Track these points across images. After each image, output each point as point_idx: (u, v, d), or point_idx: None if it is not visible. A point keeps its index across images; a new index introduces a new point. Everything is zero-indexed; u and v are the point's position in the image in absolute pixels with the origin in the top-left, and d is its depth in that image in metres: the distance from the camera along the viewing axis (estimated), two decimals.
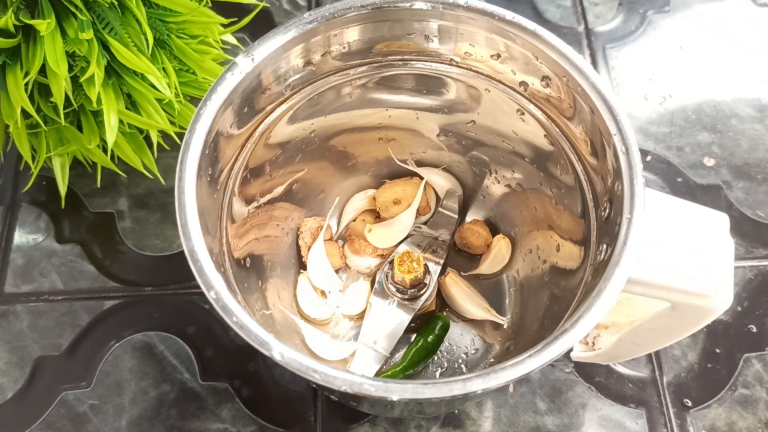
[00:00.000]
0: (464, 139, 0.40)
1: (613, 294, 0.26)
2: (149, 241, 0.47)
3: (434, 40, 0.33)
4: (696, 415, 0.42)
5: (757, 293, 0.46)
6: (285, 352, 0.25)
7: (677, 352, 0.44)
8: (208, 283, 0.26)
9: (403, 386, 0.25)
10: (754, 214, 0.48)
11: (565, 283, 0.34)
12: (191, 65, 0.42)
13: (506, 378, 0.25)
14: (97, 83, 0.37)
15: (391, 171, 0.44)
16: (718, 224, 0.29)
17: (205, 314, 0.44)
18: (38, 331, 0.44)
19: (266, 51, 0.31)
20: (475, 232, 0.43)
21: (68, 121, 0.41)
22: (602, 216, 0.30)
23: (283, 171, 0.38)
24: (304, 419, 0.41)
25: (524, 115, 0.35)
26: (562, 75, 0.30)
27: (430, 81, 0.36)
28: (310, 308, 0.41)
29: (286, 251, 0.42)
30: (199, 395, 0.42)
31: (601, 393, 0.42)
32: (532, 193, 0.39)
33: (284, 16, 0.57)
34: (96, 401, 0.42)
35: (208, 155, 0.30)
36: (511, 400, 0.42)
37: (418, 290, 0.40)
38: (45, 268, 0.46)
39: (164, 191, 0.49)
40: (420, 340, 0.41)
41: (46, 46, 0.36)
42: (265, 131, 0.34)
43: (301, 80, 0.34)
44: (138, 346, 0.44)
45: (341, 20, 0.32)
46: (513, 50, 0.32)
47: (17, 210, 0.48)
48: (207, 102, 0.29)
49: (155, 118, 0.41)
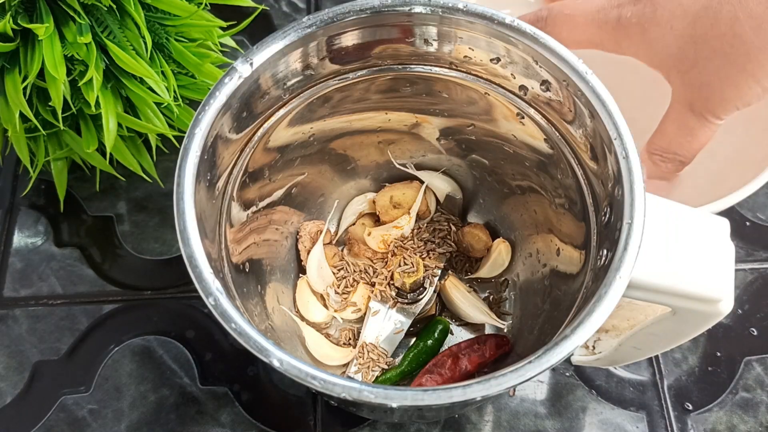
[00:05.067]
0: (464, 142, 0.40)
1: (613, 299, 0.26)
2: (148, 245, 0.47)
3: (433, 44, 0.33)
4: (697, 419, 0.42)
5: (758, 296, 0.46)
6: (284, 358, 0.25)
7: (678, 356, 0.44)
8: (207, 289, 0.26)
9: (403, 393, 0.25)
10: (754, 217, 0.48)
11: (566, 287, 0.34)
12: (190, 69, 0.42)
13: (506, 384, 0.25)
14: (96, 87, 0.37)
15: (391, 174, 0.44)
16: (718, 228, 0.29)
17: (204, 318, 0.44)
18: (37, 335, 0.44)
19: (265, 55, 0.31)
20: (475, 235, 0.43)
21: (67, 125, 0.41)
22: (602, 220, 0.30)
23: (282, 175, 0.38)
24: (303, 424, 0.41)
25: (524, 119, 0.35)
26: (562, 79, 0.30)
27: (429, 85, 0.36)
28: (309, 312, 0.41)
29: (286, 255, 0.42)
30: (198, 400, 0.42)
31: (602, 397, 0.42)
32: (532, 196, 0.39)
33: (283, 18, 0.57)
34: (95, 406, 0.42)
35: (206, 160, 0.30)
36: (512, 404, 0.42)
37: (418, 294, 0.40)
38: (44, 272, 0.46)
39: (163, 195, 0.49)
40: (420, 343, 0.40)
41: (45, 50, 0.35)
42: (264, 135, 0.34)
43: (300, 84, 0.34)
44: (137, 350, 0.43)
45: (340, 24, 0.32)
46: (513, 54, 0.32)
47: (16, 214, 0.48)
48: (206, 107, 0.29)
49: (154, 122, 0.41)
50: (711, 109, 0.32)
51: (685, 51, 0.32)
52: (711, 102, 0.32)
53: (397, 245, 0.42)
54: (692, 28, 0.31)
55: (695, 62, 0.32)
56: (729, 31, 0.30)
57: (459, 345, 0.40)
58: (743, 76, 0.31)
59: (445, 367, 0.39)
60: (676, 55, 0.32)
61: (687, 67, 0.32)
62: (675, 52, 0.32)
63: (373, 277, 0.42)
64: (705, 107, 0.32)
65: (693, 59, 0.32)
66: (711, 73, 0.31)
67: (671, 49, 0.32)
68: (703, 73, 0.31)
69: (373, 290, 0.41)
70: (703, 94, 0.32)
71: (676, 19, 0.32)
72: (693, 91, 0.32)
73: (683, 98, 0.33)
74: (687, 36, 0.31)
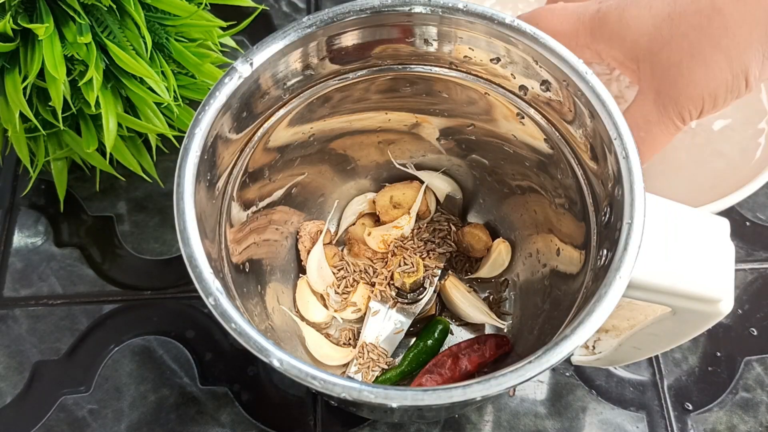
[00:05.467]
0: (464, 142, 0.40)
1: (613, 299, 0.26)
2: (148, 245, 0.47)
3: (433, 44, 0.33)
4: (697, 419, 0.42)
5: (758, 296, 0.46)
6: (284, 358, 0.25)
7: (678, 356, 0.44)
8: (207, 289, 0.26)
9: (403, 393, 0.25)
10: (754, 217, 0.48)
11: (566, 287, 0.34)
12: (190, 69, 0.42)
13: (506, 384, 0.25)
14: (96, 87, 0.37)
15: (391, 174, 0.44)
16: (718, 228, 0.29)
17: (204, 318, 0.44)
18: (37, 335, 0.44)
19: (265, 55, 0.31)
20: (475, 235, 0.43)
21: (67, 125, 0.41)
22: (602, 220, 0.30)
23: (282, 175, 0.38)
24: (303, 424, 0.41)
25: (524, 118, 0.35)
26: (562, 79, 0.30)
27: (429, 85, 0.36)
28: (309, 312, 0.41)
29: (286, 255, 0.42)
30: (198, 400, 0.42)
31: (602, 397, 0.42)
32: (532, 196, 0.39)
33: (283, 18, 0.57)
34: (95, 406, 0.42)
35: (206, 160, 0.30)
36: (512, 404, 0.42)
37: (418, 294, 0.40)
38: (44, 272, 0.46)
39: (163, 195, 0.49)
40: (420, 343, 0.40)
41: (45, 50, 0.35)
42: (264, 135, 0.34)
43: (300, 84, 0.34)
44: (137, 350, 0.43)
45: (340, 24, 0.32)
46: (513, 54, 0.32)
47: (16, 214, 0.48)
48: (205, 107, 0.29)
49: (154, 122, 0.41)
50: (675, 98, 0.32)
51: (660, 29, 0.32)
52: (677, 87, 0.32)
53: (397, 245, 0.42)
54: (671, 6, 0.31)
55: (669, 39, 0.31)
56: (709, 4, 0.30)
57: (459, 345, 0.40)
58: (716, 52, 0.30)
59: (445, 367, 0.39)
60: (650, 34, 0.32)
61: (659, 47, 0.32)
62: (650, 31, 0.32)
63: (373, 277, 0.42)
64: (669, 96, 0.32)
65: (667, 36, 0.31)
66: (683, 50, 0.31)
67: (646, 28, 0.32)
68: (674, 52, 0.31)
69: (373, 290, 0.41)
70: (671, 77, 0.32)
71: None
72: (662, 74, 0.32)
73: (650, 87, 0.33)
74: (665, 14, 0.31)
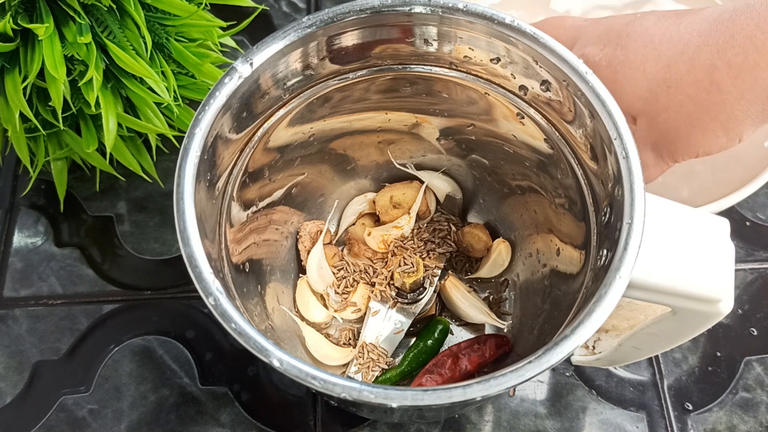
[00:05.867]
0: (464, 142, 0.40)
1: (613, 299, 0.26)
2: (148, 245, 0.47)
3: (433, 44, 0.33)
4: (697, 419, 0.42)
5: (758, 296, 0.46)
6: (284, 358, 0.25)
7: (678, 356, 0.44)
8: (207, 289, 0.26)
9: (403, 393, 0.25)
10: (754, 217, 0.48)
11: (566, 287, 0.34)
12: (190, 69, 0.42)
13: (506, 384, 0.25)
14: (96, 87, 0.37)
15: (391, 174, 0.44)
16: (718, 228, 0.29)
17: (204, 318, 0.44)
18: (37, 335, 0.44)
19: (265, 55, 0.31)
20: (475, 235, 0.43)
21: (67, 125, 0.41)
22: (602, 220, 0.30)
23: (282, 175, 0.38)
24: (303, 424, 0.41)
25: (524, 118, 0.35)
26: (562, 79, 0.30)
27: (429, 85, 0.36)
28: (309, 312, 0.41)
29: (286, 255, 0.42)
30: (198, 400, 0.42)
31: (602, 397, 0.42)
32: (532, 196, 0.39)
33: (283, 18, 0.57)
34: (95, 406, 0.42)
35: (206, 160, 0.30)
36: (512, 404, 0.42)
37: (418, 294, 0.40)
38: (44, 272, 0.46)
39: (163, 194, 0.49)
40: (420, 343, 0.40)
41: (45, 50, 0.35)
42: (264, 135, 0.34)
43: (300, 84, 0.34)
44: (137, 350, 0.43)
45: (340, 24, 0.32)
46: (513, 54, 0.32)
47: (16, 214, 0.48)
48: (205, 107, 0.29)
49: (154, 122, 0.41)
50: (672, 152, 0.32)
51: (657, 94, 0.31)
52: (674, 145, 0.32)
53: (397, 245, 0.42)
54: (666, 72, 0.31)
55: (667, 107, 0.31)
56: (706, 77, 0.29)
57: (459, 345, 0.40)
58: (713, 122, 0.30)
59: (445, 367, 0.39)
60: (646, 98, 0.32)
61: (657, 111, 0.31)
62: (645, 95, 0.31)
63: (373, 277, 0.42)
64: (667, 149, 0.32)
65: (665, 103, 0.31)
66: (681, 118, 0.31)
67: (641, 91, 0.32)
68: (671, 118, 0.31)
69: (373, 290, 0.41)
70: (669, 137, 0.32)
71: (649, 62, 0.31)
72: (659, 134, 0.32)
73: (647, 139, 0.33)
74: (660, 79, 0.31)
